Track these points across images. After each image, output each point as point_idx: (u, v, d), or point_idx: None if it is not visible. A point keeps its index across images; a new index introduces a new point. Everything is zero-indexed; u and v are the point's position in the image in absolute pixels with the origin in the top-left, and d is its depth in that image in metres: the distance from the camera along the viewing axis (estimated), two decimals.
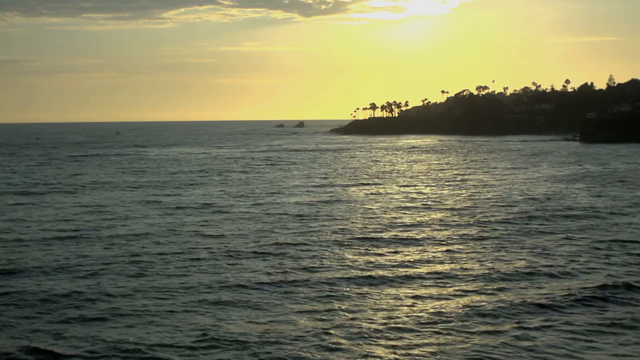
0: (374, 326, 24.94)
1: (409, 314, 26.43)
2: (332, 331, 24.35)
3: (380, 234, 43.70)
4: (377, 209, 56.38)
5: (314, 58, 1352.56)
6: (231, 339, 23.73)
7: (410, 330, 24.48)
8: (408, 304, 27.94)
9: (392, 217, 51.21)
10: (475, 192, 67.94)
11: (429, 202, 60.27)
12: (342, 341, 23.38)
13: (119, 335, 24.29)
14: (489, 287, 30.25)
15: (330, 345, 23.03)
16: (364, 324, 25.22)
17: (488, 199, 62.08)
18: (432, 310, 26.87)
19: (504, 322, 25.37)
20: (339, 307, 27.45)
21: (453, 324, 25.11)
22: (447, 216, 51.54)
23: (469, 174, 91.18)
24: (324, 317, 26.05)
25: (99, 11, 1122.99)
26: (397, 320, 25.69)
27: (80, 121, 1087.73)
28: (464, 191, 69.54)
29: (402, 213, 53.66)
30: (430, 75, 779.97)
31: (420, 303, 28.04)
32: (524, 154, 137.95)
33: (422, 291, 29.87)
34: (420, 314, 26.38)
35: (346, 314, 26.55)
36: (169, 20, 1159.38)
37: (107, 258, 36.89)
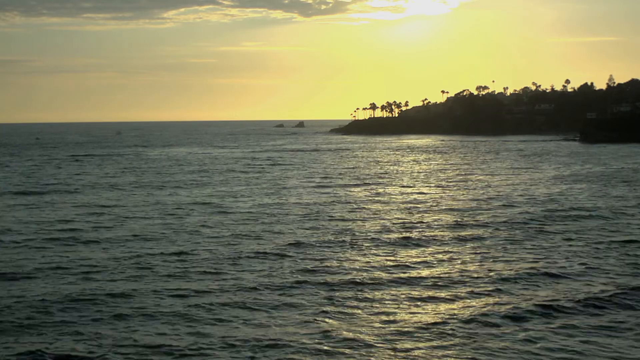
0: (374, 329, 24.76)
1: (410, 317, 26.24)
2: (331, 334, 24.14)
3: (380, 235, 43.51)
4: (378, 209, 56.21)
5: (314, 58, 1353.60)
6: (228, 341, 23.54)
7: (411, 334, 24.27)
8: (409, 306, 27.75)
9: (393, 218, 51.03)
10: (476, 193, 67.77)
11: (430, 203, 60.10)
12: (342, 345, 23.19)
13: (117, 337, 24.12)
14: (492, 290, 30.04)
15: (330, 348, 22.84)
16: (364, 327, 25.04)
17: (489, 199, 61.90)
18: (433, 313, 26.70)
19: (507, 325, 25.13)
20: (339, 309, 27.25)
21: (455, 326, 24.91)
22: (448, 217, 51.35)
23: (470, 174, 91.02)
24: (323, 320, 25.85)
25: (99, 11, 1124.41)
26: (398, 323, 25.50)
27: (80, 121, 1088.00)
28: (464, 192, 69.38)
29: (403, 214, 53.48)
30: (430, 75, 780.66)
31: (421, 306, 27.85)
32: (524, 154, 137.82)
33: (423, 294, 29.64)
34: (421, 317, 26.19)
35: (346, 316, 26.36)
36: (169, 20, 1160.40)
37: (107, 259, 36.72)
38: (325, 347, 22.86)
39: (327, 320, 25.80)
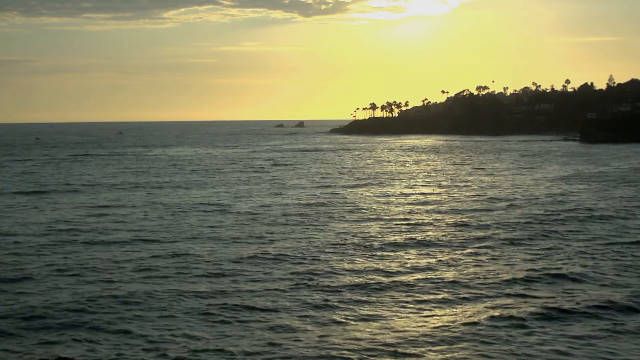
0: (374, 333, 24.62)
1: (410, 320, 26.12)
2: (331, 338, 24.04)
3: (381, 237, 43.41)
4: (378, 210, 56.11)
5: (314, 58, 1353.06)
6: (226, 347, 23.37)
7: (412, 337, 24.09)
8: (409, 309, 27.60)
9: (393, 219, 50.91)
10: (476, 194, 67.63)
11: (431, 204, 59.99)
12: (341, 348, 23.05)
13: (113, 339, 24.03)
14: (493, 291, 29.88)
15: (330, 353, 22.67)
16: (364, 330, 24.92)
17: (490, 200, 61.78)
18: (433, 316, 26.56)
19: (508, 327, 24.93)
20: (338, 312, 27.14)
21: (456, 329, 24.76)
22: (448, 218, 51.23)
23: (470, 175, 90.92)
24: (322, 323, 25.74)
25: (99, 11, 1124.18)
26: (398, 326, 25.38)
27: (80, 121, 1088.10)
28: (465, 192, 69.26)
29: (404, 215, 53.37)
30: (430, 75, 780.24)
31: (422, 308, 27.68)
32: (524, 154, 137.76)
33: (423, 296, 29.50)
34: (421, 320, 26.05)
35: (345, 320, 26.23)
36: (169, 20, 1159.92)
37: (106, 260, 36.60)
38: (325, 352, 22.73)
39: (326, 323, 25.67)
